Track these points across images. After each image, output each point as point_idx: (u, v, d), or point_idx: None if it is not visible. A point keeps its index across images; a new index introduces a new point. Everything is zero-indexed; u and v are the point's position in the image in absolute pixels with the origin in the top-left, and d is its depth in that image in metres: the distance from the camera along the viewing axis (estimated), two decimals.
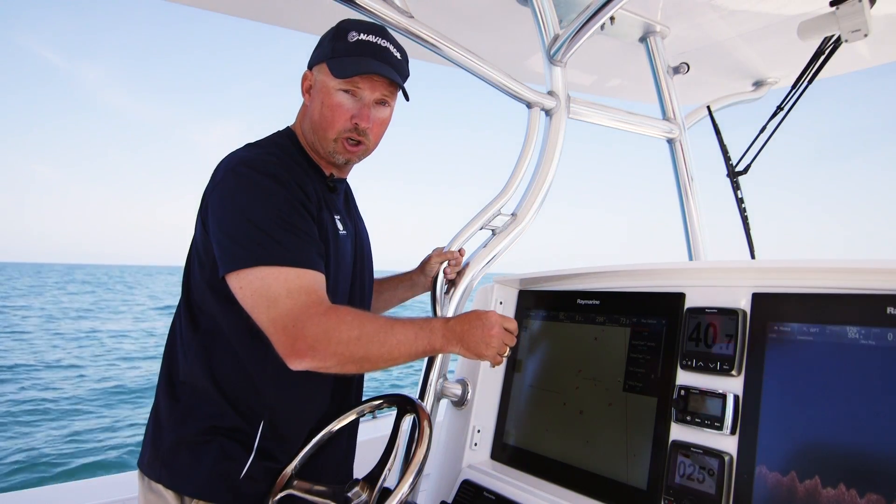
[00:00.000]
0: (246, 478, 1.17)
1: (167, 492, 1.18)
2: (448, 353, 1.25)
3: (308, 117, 1.32)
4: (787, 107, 2.26)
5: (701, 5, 2.06)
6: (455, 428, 1.62)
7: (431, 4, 1.98)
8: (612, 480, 1.26)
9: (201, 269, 1.23)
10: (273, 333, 1.09)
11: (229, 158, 1.24)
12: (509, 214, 1.74)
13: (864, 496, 0.91)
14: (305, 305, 1.09)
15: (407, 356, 1.18)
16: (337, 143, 1.29)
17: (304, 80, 1.34)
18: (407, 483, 1.08)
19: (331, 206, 1.33)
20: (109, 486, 2.19)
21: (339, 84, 1.26)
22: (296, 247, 1.13)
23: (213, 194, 1.20)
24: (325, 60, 1.28)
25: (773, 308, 1.10)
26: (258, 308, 1.10)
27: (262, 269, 1.10)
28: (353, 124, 1.28)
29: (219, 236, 1.15)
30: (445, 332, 1.22)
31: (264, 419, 1.20)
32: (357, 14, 1.55)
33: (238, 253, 1.11)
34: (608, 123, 2.04)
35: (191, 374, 1.22)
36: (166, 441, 1.20)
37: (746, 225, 2.43)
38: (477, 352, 1.23)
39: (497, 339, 1.25)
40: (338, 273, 1.31)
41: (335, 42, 1.28)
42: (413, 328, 1.19)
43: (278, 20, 2.22)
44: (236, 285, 1.12)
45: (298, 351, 1.07)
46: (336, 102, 1.26)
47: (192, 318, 1.25)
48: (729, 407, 1.10)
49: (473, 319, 1.25)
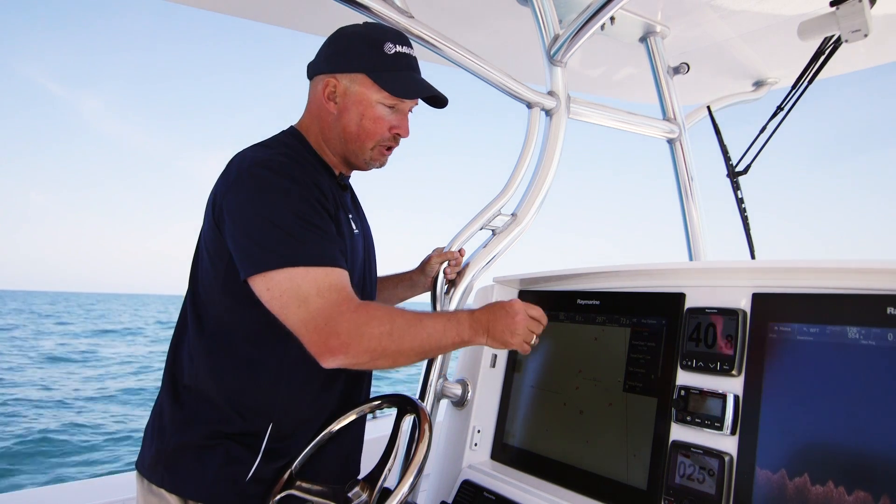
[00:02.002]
0: (252, 480, 1.16)
1: (170, 495, 1.16)
2: (476, 344, 1.25)
3: (337, 126, 1.30)
4: (787, 107, 2.26)
5: (701, 5, 2.06)
6: (455, 428, 1.62)
7: (431, 4, 1.98)
8: (612, 480, 1.26)
9: (214, 271, 1.21)
10: (305, 333, 1.09)
11: (241, 159, 1.22)
12: (509, 215, 1.74)
13: (864, 496, 0.91)
14: (336, 303, 1.09)
15: (437, 349, 1.19)
16: (374, 150, 1.32)
17: (326, 87, 1.28)
18: (407, 483, 1.08)
19: (344, 206, 1.32)
20: (108, 487, 2.19)
21: (384, 98, 1.27)
22: (320, 245, 1.13)
23: (229, 196, 1.18)
24: (363, 72, 1.26)
25: (773, 308, 1.10)
26: (288, 309, 1.09)
27: (289, 270, 1.09)
28: (394, 135, 1.31)
29: (239, 239, 1.14)
30: (472, 324, 1.23)
31: (273, 422, 1.19)
32: (357, 14, 1.55)
33: (262, 255, 1.10)
34: (608, 123, 2.04)
35: (196, 378, 1.20)
36: (169, 445, 1.18)
37: (746, 225, 2.43)
38: (503, 340, 1.24)
39: (522, 326, 1.26)
40: (352, 273, 1.29)
41: (371, 53, 1.26)
42: (441, 321, 1.20)
43: (278, 20, 2.22)
44: (262, 288, 1.11)
45: (332, 349, 1.07)
46: (378, 115, 1.28)
47: (198, 319, 1.24)
48: (729, 407, 1.10)
49: (497, 309, 1.26)
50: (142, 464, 1.24)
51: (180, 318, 1.30)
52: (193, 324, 1.24)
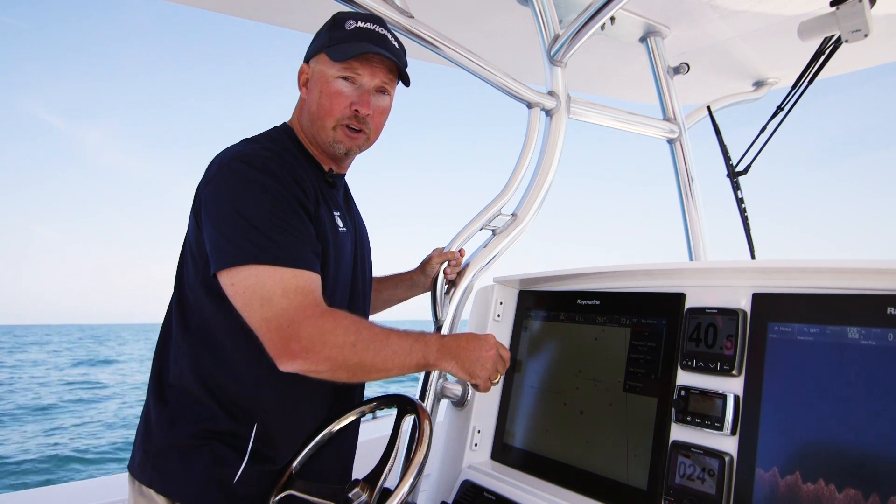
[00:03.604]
0: (240, 482, 1.16)
1: (159, 497, 1.16)
2: (440, 368, 1.22)
3: (306, 110, 1.31)
4: (787, 107, 2.26)
5: (701, 5, 2.06)
6: (455, 428, 1.62)
7: (431, 4, 1.98)
8: (613, 481, 1.26)
9: (195, 268, 1.21)
10: (266, 333, 1.06)
11: (224, 153, 1.21)
12: (509, 215, 1.74)
13: (864, 496, 0.91)
14: (301, 306, 1.07)
15: (400, 368, 1.15)
16: (336, 131, 1.27)
17: (301, 74, 1.33)
18: (407, 483, 1.08)
19: (330, 203, 1.31)
20: (100, 489, 2.19)
21: (337, 71, 1.25)
22: (291, 246, 1.11)
23: (207, 189, 1.17)
24: (322, 50, 1.27)
25: (773, 308, 1.10)
26: (251, 307, 1.07)
27: (255, 268, 1.07)
28: (353, 111, 1.26)
29: (212, 233, 1.13)
30: (440, 348, 1.21)
31: (257, 422, 1.18)
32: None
33: (231, 250, 1.09)
34: (608, 123, 2.04)
35: (180, 377, 1.20)
36: (156, 445, 1.18)
37: (746, 225, 2.43)
38: (470, 371, 1.23)
39: (492, 362, 1.25)
40: (338, 271, 1.28)
41: (332, 32, 1.28)
42: (409, 340, 1.17)
43: (278, 20, 2.22)
44: (228, 282, 1.10)
45: (292, 352, 1.05)
46: (335, 90, 1.25)
47: (183, 318, 1.23)
48: (729, 407, 1.10)
49: (471, 339, 1.25)
50: (132, 465, 1.23)
51: (165, 319, 1.29)
52: (178, 323, 1.23)
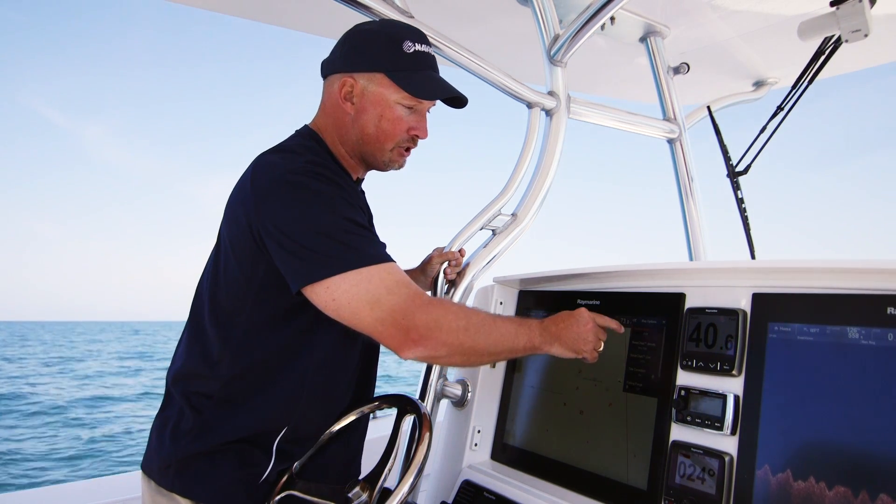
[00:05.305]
0: (266, 482, 1.17)
1: (182, 499, 1.15)
2: (546, 352, 1.25)
3: (355, 126, 1.27)
4: (787, 107, 2.26)
5: (701, 5, 2.06)
6: (455, 428, 1.62)
7: (431, 4, 1.98)
8: (613, 481, 1.26)
9: (245, 281, 1.18)
10: (382, 331, 1.09)
11: (270, 166, 1.17)
12: (509, 215, 1.75)
13: (864, 496, 0.91)
14: (409, 297, 1.09)
15: (509, 351, 1.19)
16: (393, 152, 1.29)
17: (343, 86, 1.25)
18: (407, 483, 1.08)
19: (364, 208, 1.32)
20: (110, 487, 2.18)
21: (403, 98, 1.24)
22: (371, 246, 1.12)
23: (266, 206, 1.13)
24: (381, 71, 1.23)
25: (773, 308, 1.10)
26: (360, 313, 1.08)
27: (352, 274, 1.08)
28: (412, 136, 1.29)
29: (293, 250, 1.10)
30: (542, 332, 1.22)
31: (288, 426, 1.19)
32: (358, 14, 1.55)
33: (322, 263, 1.08)
34: (608, 123, 2.04)
35: (218, 388, 1.18)
36: (184, 450, 1.16)
37: (746, 225, 2.43)
38: (575, 348, 1.24)
39: (592, 334, 1.26)
40: None
41: (390, 51, 1.23)
42: (513, 325, 1.20)
43: (278, 20, 2.22)
44: (327, 297, 1.09)
45: (412, 340, 1.08)
46: (397, 116, 1.25)
47: (220, 330, 1.20)
48: (729, 407, 1.10)
49: (567, 318, 1.26)
50: (149, 466, 1.21)
51: (194, 327, 1.26)
52: (216, 336, 1.20)
